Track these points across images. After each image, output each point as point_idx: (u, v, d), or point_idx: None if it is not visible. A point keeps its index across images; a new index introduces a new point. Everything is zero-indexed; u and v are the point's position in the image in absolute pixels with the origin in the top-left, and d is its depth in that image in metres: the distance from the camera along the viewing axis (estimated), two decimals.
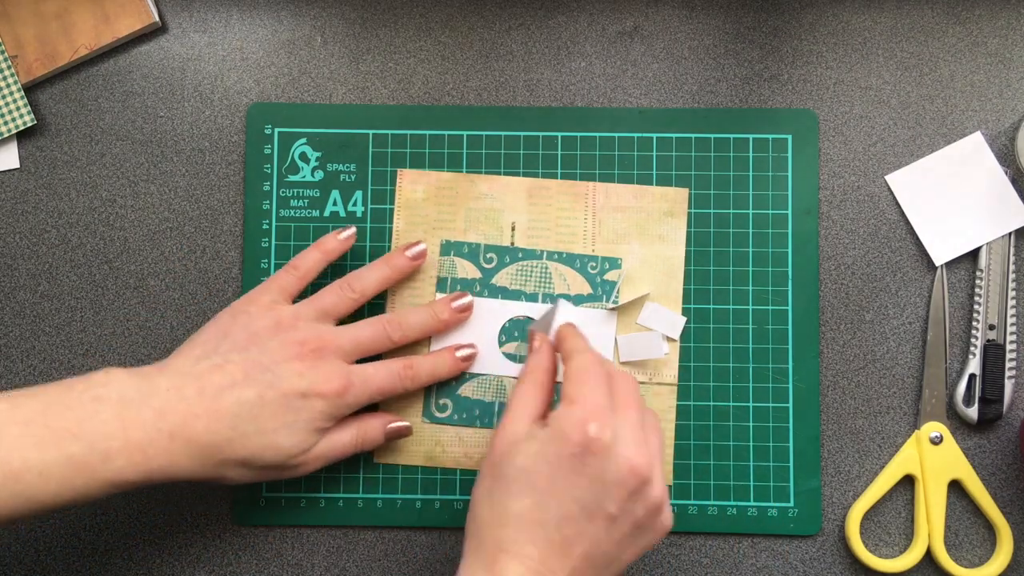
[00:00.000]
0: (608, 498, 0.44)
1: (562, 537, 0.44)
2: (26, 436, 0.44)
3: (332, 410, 0.50)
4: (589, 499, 0.44)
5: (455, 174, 0.58)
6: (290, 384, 0.49)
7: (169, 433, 0.46)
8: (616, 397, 0.47)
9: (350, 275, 0.54)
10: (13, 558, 0.58)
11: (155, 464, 0.46)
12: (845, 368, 0.58)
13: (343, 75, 0.60)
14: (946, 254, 0.57)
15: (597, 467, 0.44)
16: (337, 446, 0.52)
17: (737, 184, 0.58)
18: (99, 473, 0.45)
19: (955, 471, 0.56)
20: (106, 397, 0.46)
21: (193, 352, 0.50)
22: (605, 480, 0.44)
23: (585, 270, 0.58)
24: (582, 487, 0.44)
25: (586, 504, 0.44)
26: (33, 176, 0.59)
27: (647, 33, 0.60)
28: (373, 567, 0.57)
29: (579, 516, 0.44)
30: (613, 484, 0.44)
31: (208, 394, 0.48)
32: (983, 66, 0.59)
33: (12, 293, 0.59)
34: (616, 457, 0.44)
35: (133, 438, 0.46)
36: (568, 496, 0.44)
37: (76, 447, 0.45)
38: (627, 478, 0.44)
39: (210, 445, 0.47)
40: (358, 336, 0.52)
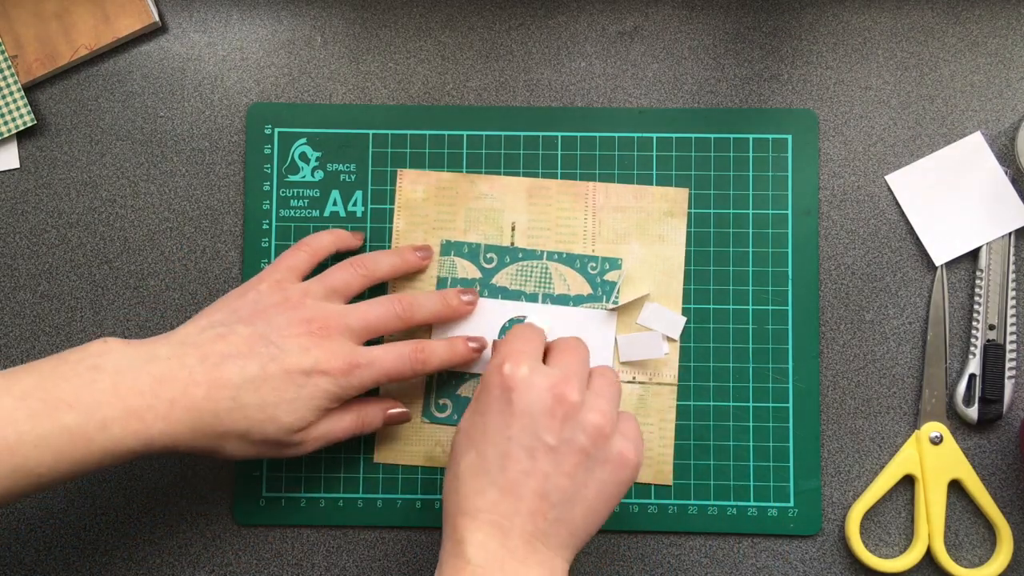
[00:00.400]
0: (541, 428, 0.45)
1: (507, 480, 0.44)
2: (20, 409, 0.43)
3: (336, 389, 0.49)
4: (523, 435, 0.45)
5: (455, 174, 0.58)
6: (295, 360, 0.48)
7: (169, 400, 0.46)
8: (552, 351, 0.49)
9: (360, 256, 0.54)
10: (13, 558, 0.58)
11: (154, 431, 0.45)
12: (845, 368, 0.58)
13: (343, 75, 0.60)
14: (946, 254, 0.57)
15: (521, 402, 0.45)
16: (336, 428, 0.51)
17: (737, 184, 0.58)
18: (96, 442, 0.44)
19: (955, 471, 0.56)
20: (103, 366, 0.46)
21: (198, 323, 0.49)
22: (532, 412, 0.45)
23: (585, 270, 0.58)
24: (513, 426, 0.45)
25: (521, 441, 0.45)
26: (33, 176, 0.59)
27: (647, 33, 0.60)
28: (373, 567, 0.57)
29: (518, 454, 0.45)
30: (540, 414, 0.45)
31: (210, 362, 0.47)
32: (983, 66, 0.59)
33: (12, 293, 0.59)
34: (534, 387, 0.46)
35: (131, 405, 0.45)
36: (502, 438, 0.45)
37: (71, 417, 0.44)
38: (552, 404, 0.45)
39: (210, 413, 0.46)
40: (367, 315, 0.51)
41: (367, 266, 0.53)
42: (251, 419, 0.47)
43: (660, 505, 0.57)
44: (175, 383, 0.46)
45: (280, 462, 0.57)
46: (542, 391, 0.46)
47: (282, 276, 0.52)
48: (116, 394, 0.45)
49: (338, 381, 0.49)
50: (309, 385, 0.48)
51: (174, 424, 0.46)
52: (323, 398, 0.49)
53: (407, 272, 0.56)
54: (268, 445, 0.49)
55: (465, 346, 0.54)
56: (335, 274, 0.53)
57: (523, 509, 0.44)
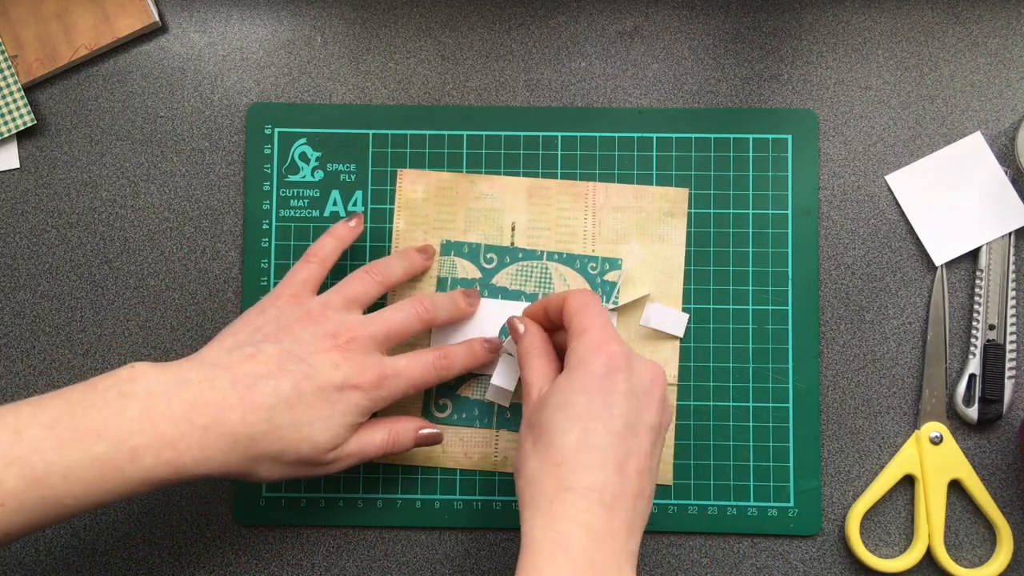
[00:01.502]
0: (646, 409, 0.46)
1: (615, 457, 0.44)
2: (49, 438, 0.42)
3: (368, 403, 0.49)
4: (630, 414, 0.45)
5: (455, 174, 0.58)
6: (327, 376, 0.48)
7: (202, 427, 0.45)
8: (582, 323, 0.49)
9: (373, 263, 0.54)
10: (13, 558, 0.58)
11: (187, 459, 0.44)
12: (845, 368, 0.58)
13: (343, 75, 0.60)
14: (946, 254, 0.57)
15: (626, 382, 0.45)
16: (368, 445, 0.50)
17: (737, 184, 0.58)
18: (127, 473, 0.43)
19: (955, 471, 0.56)
20: (132, 393, 0.45)
21: (224, 343, 0.49)
22: (638, 392, 0.46)
23: (585, 270, 0.58)
24: (620, 404, 0.45)
25: (628, 419, 0.45)
26: (33, 176, 0.59)
27: (647, 33, 0.60)
28: (373, 567, 0.57)
29: (626, 432, 0.45)
30: (644, 394, 0.46)
31: (243, 384, 0.46)
32: (983, 66, 0.59)
33: (12, 293, 0.59)
34: (640, 369, 0.46)
35: (163, 433, 0.44)
36: (609, 416, 0.45)
37: (102, 447, 0.43)
38: (653, 387, 0.46)
39: (246, 437, 0.46)
40: (390, 322, 0.51)
41: (383, 272, 0.53)
42: (285, 439, 0.47)
43: (660, 505, 0.57)
44: (208, 408, 0.45)
45: None
46: (645, 373, 0.47)
47: (297, 290, 0.51)
48: (148, 421, 0.44)
49: (369, 395, 0.49)
50: (342, 401, 0.48)
51: (208, 451, 0.45)
52: (355, 413, 0.49)
53: (416, 274, 0.57)
54: (302, 465, 0.48)
55: (483, 348, 0.54)
56: (352, 284, 0.52)
57: (628, 489, 0.44)
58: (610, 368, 0.45)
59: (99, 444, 0.43)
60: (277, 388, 0.47)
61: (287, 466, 0.48)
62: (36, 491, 0.42)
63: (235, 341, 0.49)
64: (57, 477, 0.42)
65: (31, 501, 0.42)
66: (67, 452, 0.42)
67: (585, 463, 0.44)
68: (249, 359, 0.47)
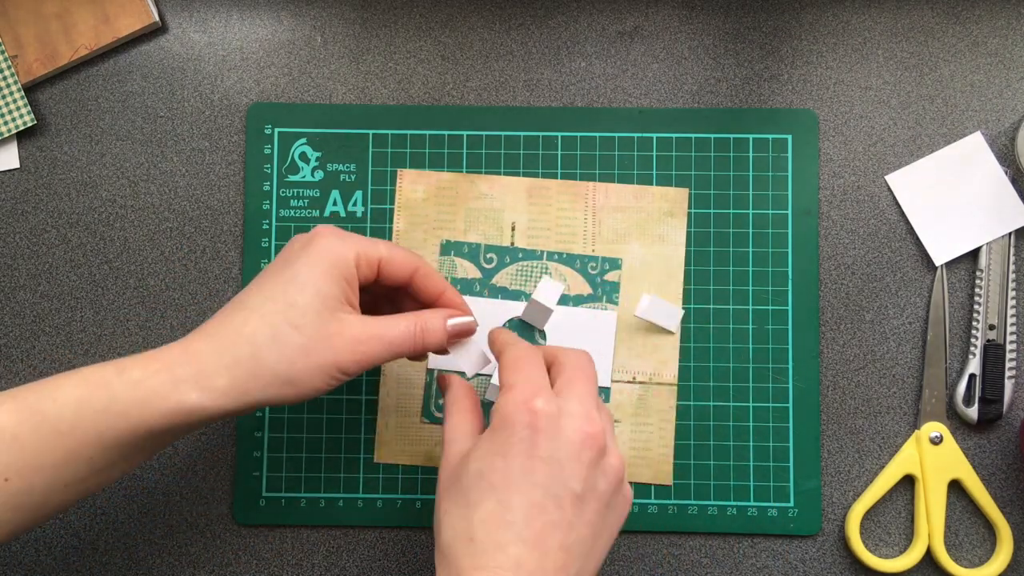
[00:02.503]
0: (570, 476, 0.41)
1: (533, 533, 0.41)
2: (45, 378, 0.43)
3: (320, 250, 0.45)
4: (551, 482, 0.41)
5: (455, 174, 0.58)
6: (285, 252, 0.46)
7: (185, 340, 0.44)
8: (564, 372, 0.45)
9: None
10: (13, 558, 0.58)
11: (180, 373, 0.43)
12: (845, 368, 0.58)
13: (343, 75, 0.60)
14: (946, 254, 0.57)
15: (549, 445, 0.42)
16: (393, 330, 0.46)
17: (737, 184, 0.58)
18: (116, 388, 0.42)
19: (955, 471, 0.56)
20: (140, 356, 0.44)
21: None
22: (560, 458, 0.41)
23: (585, 270, 0.58)
24: (541, 471, 0.41)
25: (549, 488, 0.41)
26: (33, 176, 0.59)
27: (647, 33, 0.60)
28: (373, 567, 0.57)
29: (546, 504, 0.41)
30: (569, 459, 0.42)
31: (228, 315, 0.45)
32: (983, 66, 0.59)
33: (12, 293, 0.59)
34: (566, 429, 0.42)
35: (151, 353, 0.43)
36: (528, 485, 0.41)
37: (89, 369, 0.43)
38: (581, 449, 0.42)
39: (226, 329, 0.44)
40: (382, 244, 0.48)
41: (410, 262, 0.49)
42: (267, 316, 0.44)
43: (660, 505, 0.57)
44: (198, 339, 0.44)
45: (280, 462, 0.57)
46: (572, 433, 0.42)
47: None
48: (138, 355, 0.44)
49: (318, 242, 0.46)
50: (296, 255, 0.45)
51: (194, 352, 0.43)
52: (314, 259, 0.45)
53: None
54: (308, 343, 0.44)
55: None
56: None
57: (548, 566, 0.40)
58: (532, 429, 0.42)
59: (88, 368, 0.43)
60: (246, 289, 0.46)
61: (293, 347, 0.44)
62: (29, 420, 0.41)
63: None
64: (47, 400, 0.42)
65: (25, 433, 0.41)
66: (57, 379, 0.43)
67: (498, 539, 0.40)
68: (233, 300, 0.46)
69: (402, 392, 0.57)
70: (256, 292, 0.45)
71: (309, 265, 0.45)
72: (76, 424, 0.42)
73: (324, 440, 0.58)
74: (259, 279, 0.46)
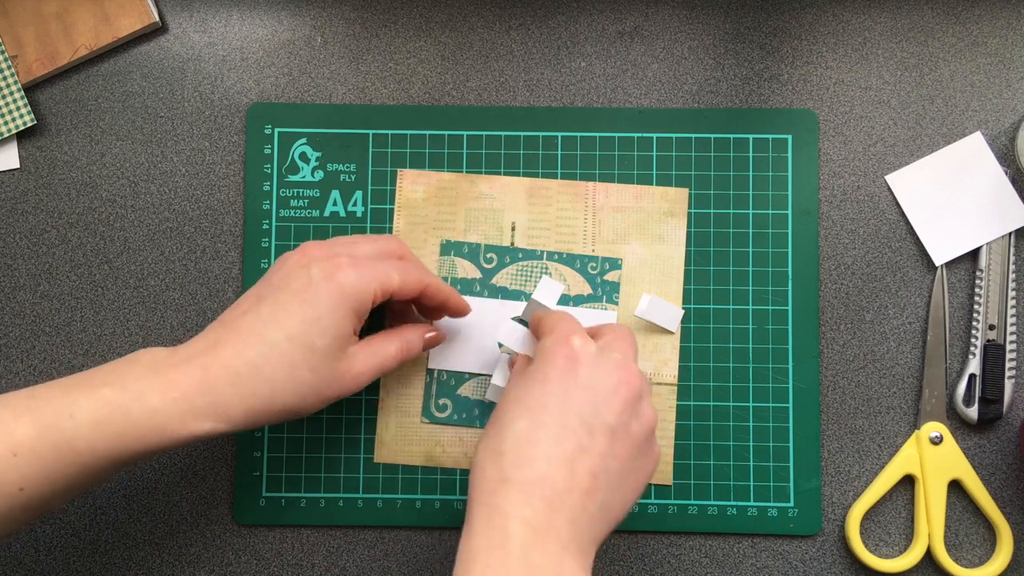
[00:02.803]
0: (605, 408, 0.43)
1: (563, 452, 0.42)
2: (59, 392, 0.44)
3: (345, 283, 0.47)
4: (586, 410, 0.43)
5: (455, 174, 0.58)
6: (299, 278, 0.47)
7: (203, 366, 0.45)
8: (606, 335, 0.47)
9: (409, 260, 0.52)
10: (13, 558, 0.58)
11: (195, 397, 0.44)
12: (845, 368, 0.58)
13: (343, 75, 0.60)
14: (946, 254, 0.57)
15: (589, 375, 0.44)
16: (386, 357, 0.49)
17: (737, 184, 0.58)
18: (134, 414, 0.43)
19: (955, 471, 0.56)
20: (138, 360, 0.46)
21: None
22: (598, 388, 0.43)
23: (585, 270, 0.58)
24: (577, 398, 0.43)
25: (583, 415, 0.43)
26: (33, 176, 0.59)
27: (647, 33, 0.60)
28: (373, 567, 0.57)
29: (578, 428, 0.42)
30: (607, 392, 0.44)
31: (228, 324, 0.47)
32: (983, 66, 0.59)
33: (12, 293, 0.59)
34: (607, 364, 0.44)
35: (167, 376, 0.44)
36: (562, 408, 0.43)
37: (107, 390, 0.44)
38: (618, 386, 0.44)
39: (248, 366, 0.45)
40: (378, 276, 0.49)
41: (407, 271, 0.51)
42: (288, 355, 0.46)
43: (660, 505, 0.57)
44: (203, 351, 0.46)
45: (280, 462, 0.57)
46: (610, 369, 0.44)
47: None
48: (152, 371, 0.45)
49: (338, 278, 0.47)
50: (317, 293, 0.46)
51: (211, 384, 0.45)
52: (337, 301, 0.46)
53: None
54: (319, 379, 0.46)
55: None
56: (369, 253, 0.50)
57: (575, 487, 0.41)
58: (571, 360, 0.44)
59: (105, 388, 0.44)
60: (258, 312, 0.46)
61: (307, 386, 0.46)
62: (47, 437, 0.42)
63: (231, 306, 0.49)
64: (65, 418, 0.43)
65: (44, 449, 0.42)
66: (75, 397, 0.43)
67: (528, 455, 0.42)
68: (234, 309, 0.48)
69: (402, 392, 0.57)
70: (274, 325, 0.46)
71: (333, 308, 0.46)
72: (93, 444, 0.43)
73: (324, 440, 0.58)
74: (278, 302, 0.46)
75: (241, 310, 0.47)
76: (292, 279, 0.47)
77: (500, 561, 0.40)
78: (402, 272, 0.49)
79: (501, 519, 0.41)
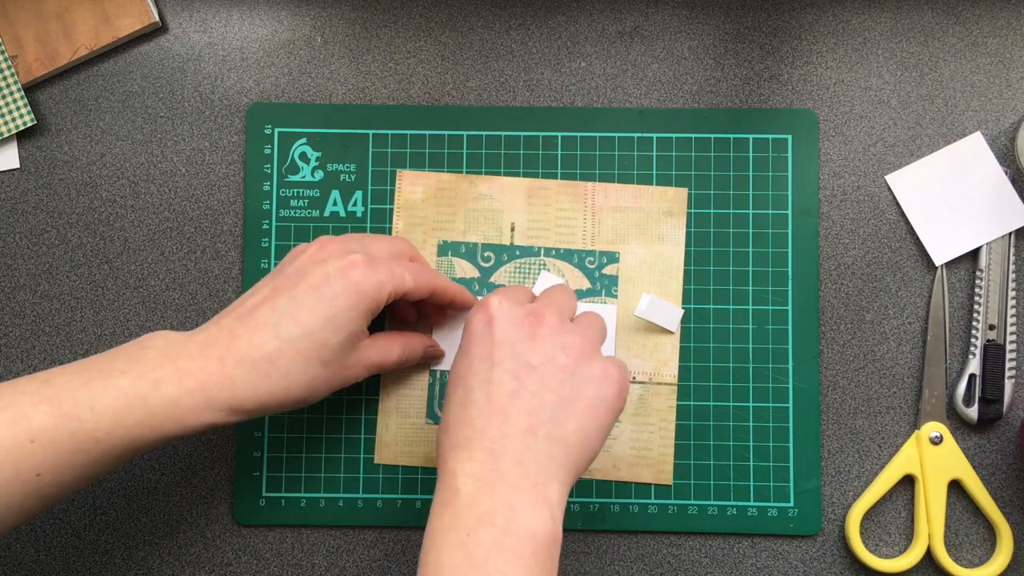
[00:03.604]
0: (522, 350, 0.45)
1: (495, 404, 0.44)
2: (75, 380, 0.44)
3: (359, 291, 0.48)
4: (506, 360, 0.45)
5: (454, 175, 0.58)
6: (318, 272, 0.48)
7: (218, 357, 0.46)
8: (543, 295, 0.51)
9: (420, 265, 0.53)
10: (13, 558, 0.58)
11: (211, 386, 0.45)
12: (845, 368, 0.57)
13: (343, 75, 0.60)
14: (946, 254, 0.57)
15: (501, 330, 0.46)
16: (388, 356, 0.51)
17: (737, 184, 0.58)
18: (152, 402, 0.44)
19: (955, 471, 0.56)
20: (151, 345, 0.46)
21: None
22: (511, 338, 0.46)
23: (583, 265, 0.58)
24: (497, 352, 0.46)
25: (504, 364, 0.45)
26: (33, 176, 0.59)
27: (647, 33, 0.60)
28: (373, 567, 0.57)
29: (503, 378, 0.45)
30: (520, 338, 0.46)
31: (244, 315, 0.47)
32: (983, 66, 0.59)
33: (12, 293, 0.59)
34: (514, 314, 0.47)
35: (182, 366, 0.45)
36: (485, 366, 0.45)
37: (125, 380, 0.44)
38: (531, 328, 0.46)
39: (263, 360, 0.46)
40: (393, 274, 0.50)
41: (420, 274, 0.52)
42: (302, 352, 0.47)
43: (660, 505, 0.57)
44: (218, 341, 0.46)
45: (280, 462, 0.57)
46: (521, 316, 0.47)
47: None
48: (167, 359, 0.46)
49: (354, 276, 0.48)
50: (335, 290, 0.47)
51: (228, 378, 0.46)
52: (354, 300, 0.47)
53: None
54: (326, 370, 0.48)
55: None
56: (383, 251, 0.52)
57: (512, 430, 0.44)
58: (487, 320, 0.46)
59: (123, 378, 0.45)
60: (275, 305, 0.47)
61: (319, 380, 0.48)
62: (65, 425, 0.43)
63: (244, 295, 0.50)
64: (84, 409, 0.43)
65: (62, 436, 0.43)
66: (93, 387, 0.44)
67: (466, 418, 0.45)
68: (248, 298, 0.49)
69: (402, 393, 0.57)
70: (291, 319, 0.47)
71: (349, 306, 0.47)
72: (112, 432, 0.44)
73: (324, 440, 0.58)
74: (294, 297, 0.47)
75: (255, 300, 0.48)
76: (308, 273, 0.48)
77: (451, 514, 0.42)
78: (415, 273, 0.50)
79: (450, 479, 0.43)
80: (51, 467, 0.43)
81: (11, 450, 0.42)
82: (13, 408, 0.43)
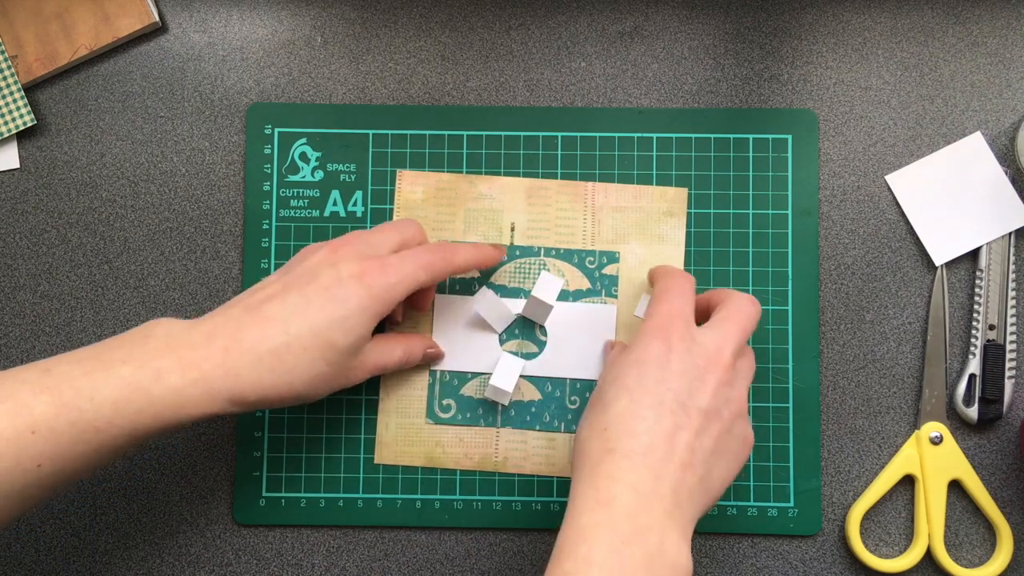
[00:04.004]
0: (698, 393, 0.45)
1: (664, 428, 0.44)
2: (76, 369, 0.44)
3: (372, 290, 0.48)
4: (681, 392, 0.45)
5: (454, 175, 0.58)
6: (329, 275, 0.48)
7: (223, 348, 0.46)
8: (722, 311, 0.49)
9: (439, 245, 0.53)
10: (13, 558, 0.58)
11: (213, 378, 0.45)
12: (845, 368, 0.57)
13: (343, 75, 0.60)
14: (946, 254, 0.57)
15: (681, 363, 0.46)
16: (389, 358, 0.52)
17: (737, 184, 0.58)
18: (154, 393, 0.44)
19: (955, 471, 0.56)
20: (153, 333, 0.46)
21: None
22: (691, 375, 0.45)
23: (583, 265, 0.58)
24: (672, 381, 0.45)
25: (678, 396, 0.45)
26: (33, 176, 0.59)
27: (647, 33, 0.60)
28: (373, 567, 0.57)
29: (675, 407, 0.45)
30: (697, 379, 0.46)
31: (252, 308, 0.47)
32: (983, 66, 0.59)
33: (12, 293, 0.59)
34: (700, 351, 0.46)
35: (185, 356, 0.45)
36: (661, 389, 0.45)
37: (126, 369, 0.44)
38: (706, 373, 0.46)
39: (269, 354, 0.46)
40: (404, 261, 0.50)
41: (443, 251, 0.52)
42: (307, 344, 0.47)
43: None
44: (224, 332, 0.46)
45: (280, 462, 0.57)
46: (700, 358, 0.46)
47: None
48: (169, 348, 0.45)
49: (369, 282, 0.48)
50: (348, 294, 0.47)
51: (233, 368, 0.45)
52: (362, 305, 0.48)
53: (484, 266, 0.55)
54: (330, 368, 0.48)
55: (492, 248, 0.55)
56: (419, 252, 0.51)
57: (675, 460, 0.44)
58: (666, 348, 0.46)
59: (124, 367, 0.44)
60: (284, 301, 0.47)
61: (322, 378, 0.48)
62: (66, 415, 0.43)
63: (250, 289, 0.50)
64: (85, 399, 0.43)
65: (62, 426, 0.43)
66: (94, 376, 0.44)
67: (631, 428, 0.44)
68: (258, 290, 0.49)
69: (403, 393, 0.57)
70: (300, 316, 0.47)
71: (360, 309, 0.48)
72: (112, 421, 0.44)
73: (324, 440, 0.58)
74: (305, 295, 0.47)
75: (265, 295, 0.48)
76: (320, 275, 0.48)
77: (607, 517, 0.42)
78: (427, 267, 0.50)
79: (607, 482, 0.43)
80: (52, 457, 0.43)
81: (12, 440, 0.42)
82: (13, 398, 0.43)
